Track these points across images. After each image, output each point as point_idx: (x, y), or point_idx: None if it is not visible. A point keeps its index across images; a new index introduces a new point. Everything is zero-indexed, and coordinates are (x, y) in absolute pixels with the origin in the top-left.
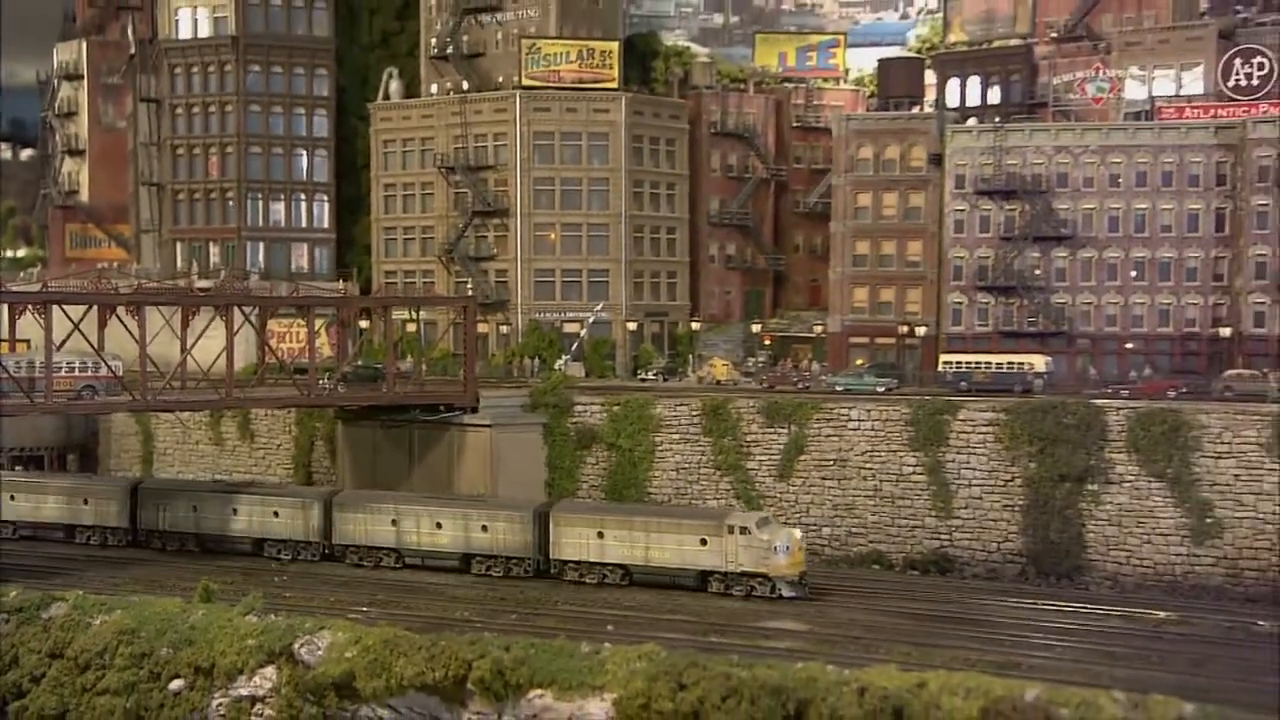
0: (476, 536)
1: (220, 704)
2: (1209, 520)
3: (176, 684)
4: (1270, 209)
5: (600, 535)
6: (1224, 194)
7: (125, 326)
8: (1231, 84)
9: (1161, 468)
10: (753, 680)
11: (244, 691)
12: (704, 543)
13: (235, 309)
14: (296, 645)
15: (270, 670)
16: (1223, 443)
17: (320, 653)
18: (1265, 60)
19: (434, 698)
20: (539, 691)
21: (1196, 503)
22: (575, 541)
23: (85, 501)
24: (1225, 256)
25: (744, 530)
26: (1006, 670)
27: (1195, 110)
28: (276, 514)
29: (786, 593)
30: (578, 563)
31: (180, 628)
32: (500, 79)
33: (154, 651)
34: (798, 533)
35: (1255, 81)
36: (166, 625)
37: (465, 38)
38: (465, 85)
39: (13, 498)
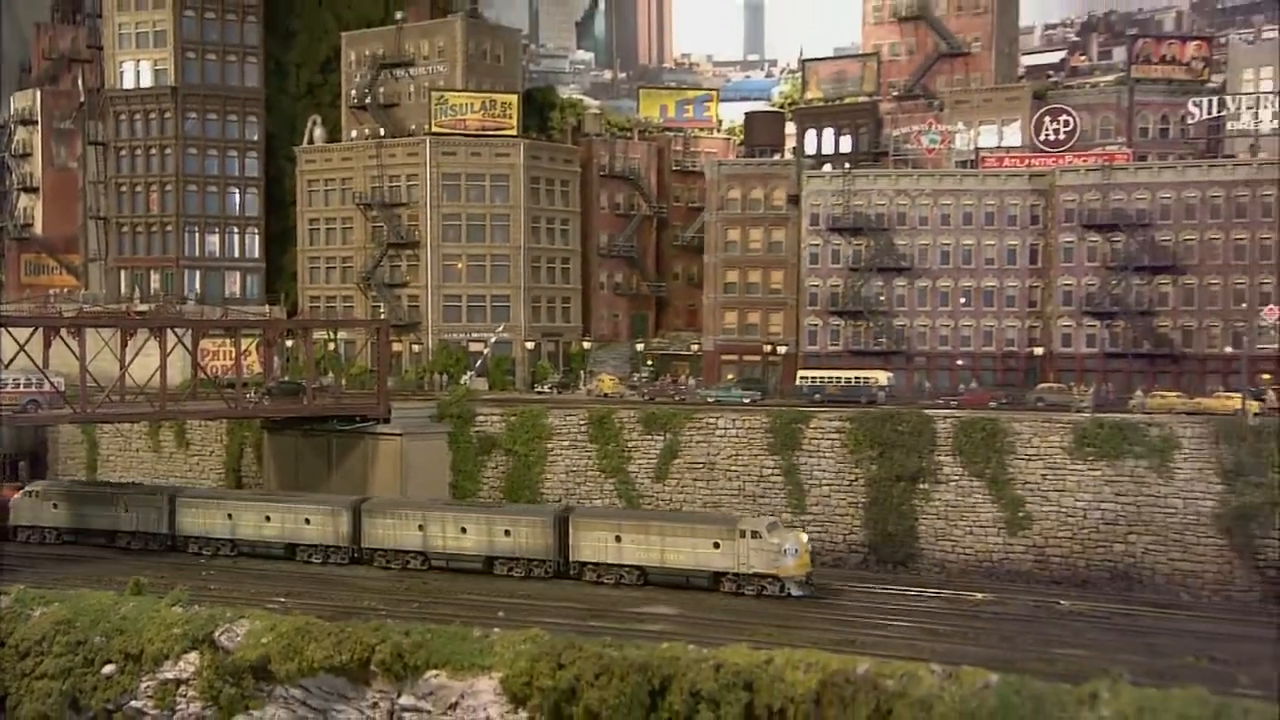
0: (500, 540)
1: (148, 686)
2: (1021, 514)
3: (109, 669)
4: (1075, 245)
5: (618, 539)
6: (1037, 232)
7: (69, 346)
8: (1043, 138)
9: (981, 469)
10: (623, 659)
11: (169, 675)
12: (717, 546)
13: (168, 330)
14: (217, 633)
15: (194, 655)
16: (1032, 447)
17: (239, 639)
18: (1070, 118)
19: (341, 678)
20: (435, 672)
21: (1010, 499)
22: (594, 544)
23: (126, 510)
24: (1038, 286)
25: (755, 535)
26: (844, 647)
27: (1013, 160)
28: (308, 521)
29: (795, 591)
30: (596, 564)
31: (113, 618)
32: (413, 126)
33: (88, 640)
34: (804, 536)
35: (1062, 136)
36: (100, 616)
37: (382, 90)
38: (381, 131)
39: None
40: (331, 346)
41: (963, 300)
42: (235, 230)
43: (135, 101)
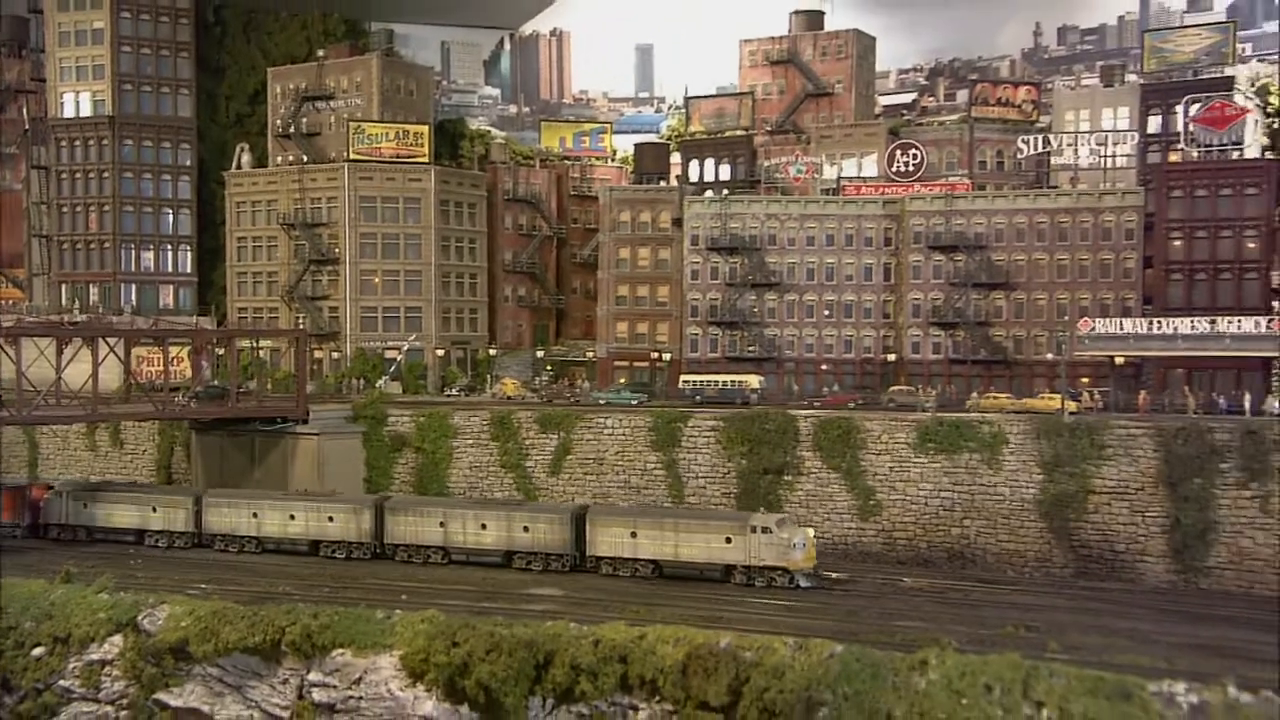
0: (519, 536)
1: (75, 667)
2: (872, 502)
3: (38, 651)
4: (922, 264)
5: (633, 535)
6: (889, 252)
7: (7, 354)
8: (895, 169)
9: (838, 462)
10: (511, 637)
11: (95, 656)
12: (729, 541)
13: (100, 340)
14: (140, 617)
15: (118, 638)
16: (882, 443)
17: (160, 622)
18: (918, 152)
19: (255, 657)
20: (340, 650)
21: (862, 489)
22: (610, 540)
23: (155, 509)
24: (891, 299)
25: (765, 530)
26: (710, 623)
27: (869, 188)
28: (331, 519)
29: (803, 583)
30: (612, 558)
31: (42, 604)
32: (333, 153)
33: (19, 625)
34: (810, 532)
35: (912, 168)
36: (30, 603)
37: (305, 120)
38: (304, 158)
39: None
40: (259, 354)
41: (826, 312)
42: (169, 247)
43: (75, 129)
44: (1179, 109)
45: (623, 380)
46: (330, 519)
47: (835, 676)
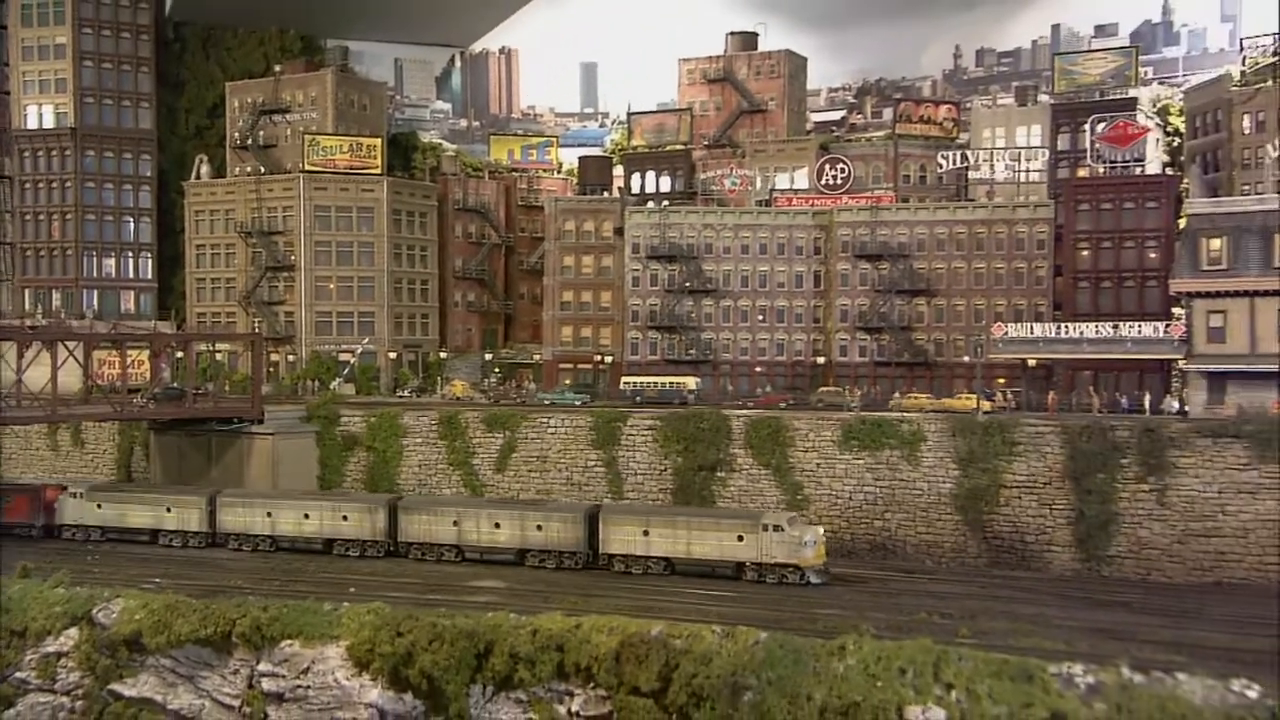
0: (532, 535)
1: (31, 659)
2: (799, 496)
3: None
4: (849, 272)
5: (646, 533)
6: (819, 260)
7: None
8: (824, 182)
9: (768, 459)
10: (453, 627)
11: (51, 649)
12: (741, 539)
13: (60, 343)
14: (95, 611)
15: (73, 631)
16: (809, 441)
17: (114, 616)
18: (845, 166)
19: (207, 649)
20: (289, 641)
21: (791, 484)
22: (622, 538)
23: (169, 510)
24: (820, 305)
25: (777, 528)
26: (645, 613)
27: (799, 200)
28: (345, 518)
29: (814, 580)
30: (625, 556)
31: None
32: (289, 165)
33: None
34: (820, 530)
35: (839, 181)
36: None
37: (262, 133)
38: (261, 169)
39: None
40: (219, 357)
41: (759, 317)
42: (130, 254)
43: (39, 140)
44: (1086, 127)
45: (568, 382)
46: (344, 518)
47: (760, 662)
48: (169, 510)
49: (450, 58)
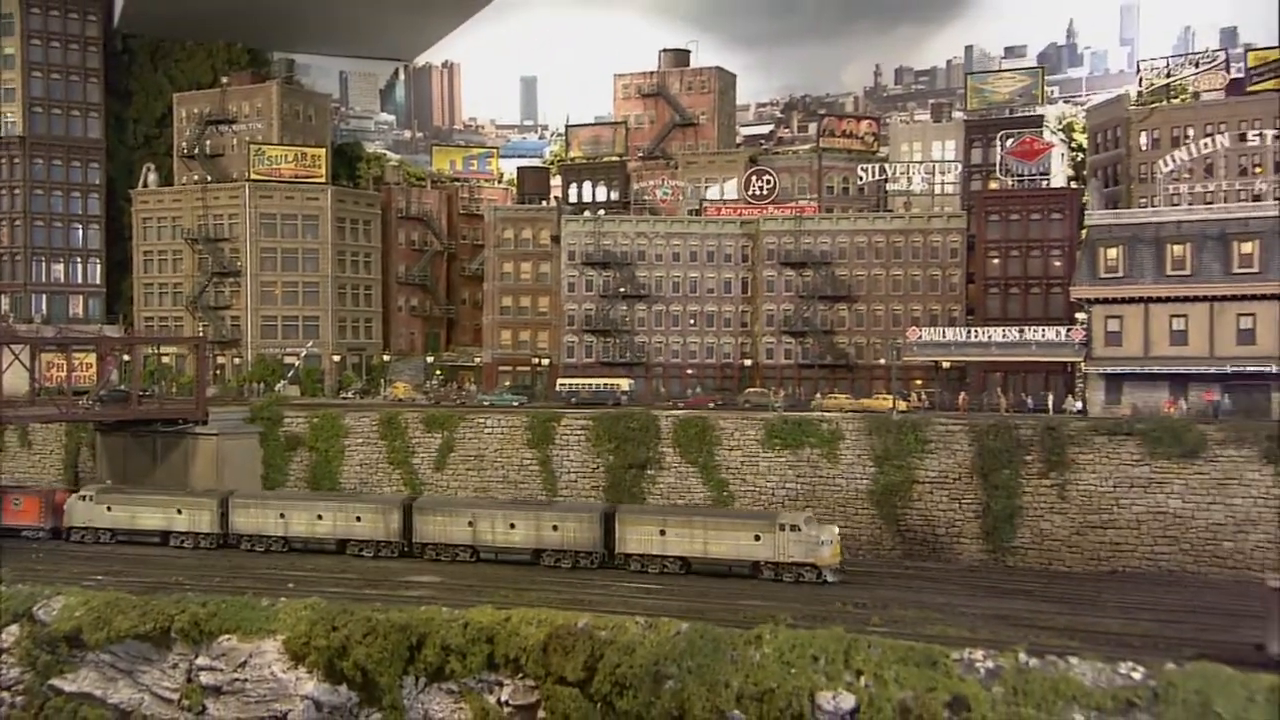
0: (548, 535)
1: None
2: (725, 493)
3: None
4: (775, 278)
5: (662, 533)
6: (746, 267)
7: None
8: (751, 193)
9: (695, 457)
10: (387, 621)
11: None
12: (758, 538)
13: (6, 347)
14: (35, 608)
15: (14, 628)
16: (734, 440)
17: (54, 613)
18: (771, 178)
19: (146, 644)
20: (227, 636)
21: (716, 481)
22: (639, 538)
23: (180, 512)
24: (748, 310)
25: (794, 528)
26: (573, 605)
27: (728, 210)
28: (359, 518)
29: (830, 578)
30: (641, 555)
31: None
32: (235, 173)
33: None
34: (836, 529)
35: (765, 192)
36: None
37: (208, 142)
38: (208, 177)
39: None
40: (164, 360)
41: (690, 322)
42: (78, 260)
43: None
44: (996, 143)
45: (507, 383)
46: (358, 518)
47: (681, 651)
48: (180, 512)
49: (394, 71)
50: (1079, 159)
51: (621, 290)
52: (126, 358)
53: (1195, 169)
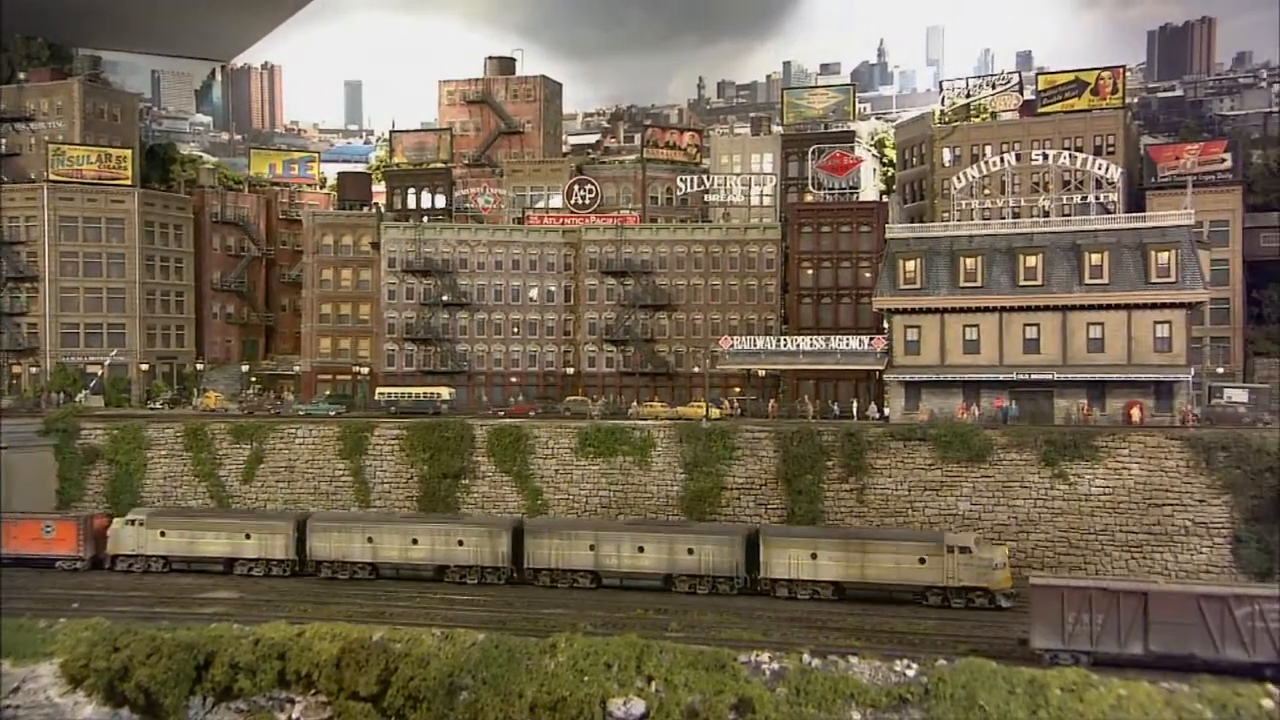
0: (682, 559)
1: None
2: (539, 501)
3: None
4: (597, 287)
5: (814, 556)
6: (569, 276)
7: None
8: (574, 202)
9: (509, 466)
10: (173, 640)
11: None
12: (923, 561)
13: None
14: None
15: None
16: (548, 448)
17: None
18: (594, 187)
19: None
20: None
21: (531, 490)
22: (787, 562)
23: (248, 536)
24: (570, 319)
25: (964, 550)
26: (376, 619)
27: (550, 219)
28: (461, 542)
29: (1004, 604)
30: (789, 580)
31: None
32: (33, 174)
33: None
34: (1005, 549)
35: (588, 201)
36: None
37: (3, 140)
38: (3, 178)
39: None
40: None
41: (512, 330)
42: None
43: None
44: (810, 157)
45: (327, 393)
46: (460, 542)
47: (475, 662)
48: (248, 536)
49: (211, 71)
50: (891, 174)
51: (443, 298)
52: None
53: (991, 186)
